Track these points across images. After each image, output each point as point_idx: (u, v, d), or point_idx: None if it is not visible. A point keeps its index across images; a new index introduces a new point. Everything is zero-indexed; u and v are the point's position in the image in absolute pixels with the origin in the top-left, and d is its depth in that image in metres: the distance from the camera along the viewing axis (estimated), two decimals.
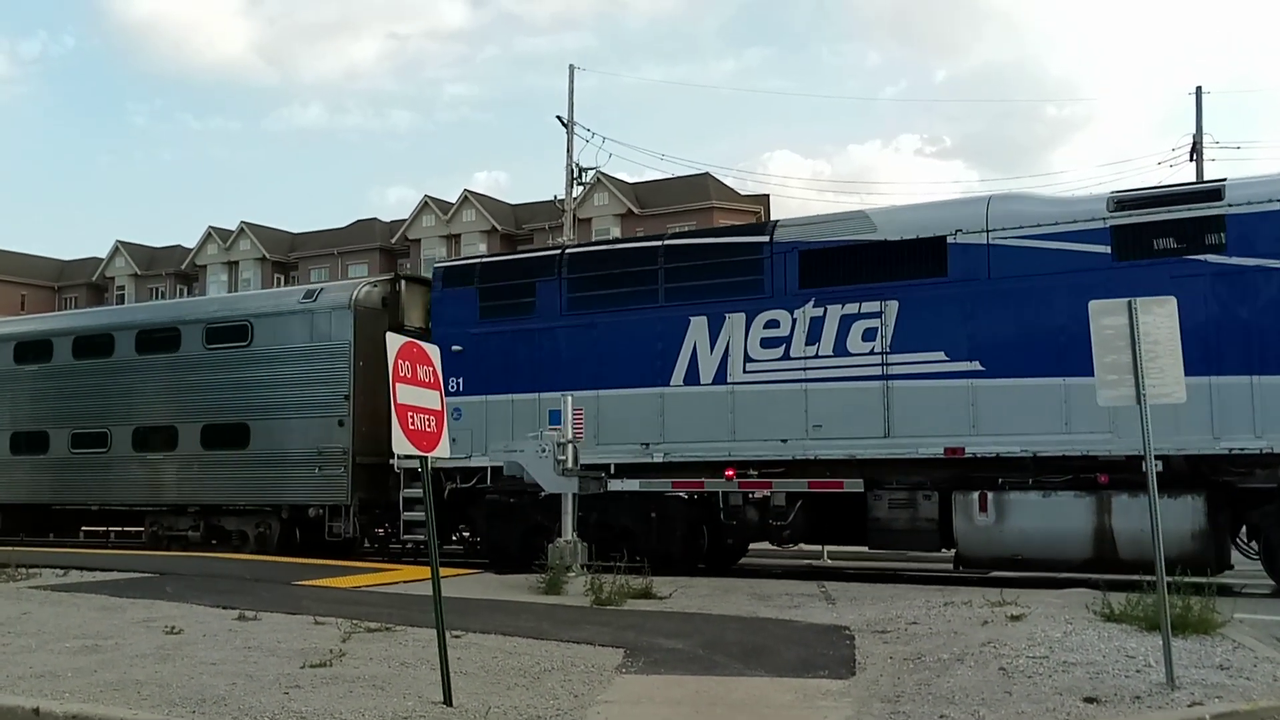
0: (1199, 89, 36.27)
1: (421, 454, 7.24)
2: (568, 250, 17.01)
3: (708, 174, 57.61)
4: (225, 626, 9.87)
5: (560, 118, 33.82)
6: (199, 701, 6.85)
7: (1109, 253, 13.07)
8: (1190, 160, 35.18)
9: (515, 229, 63.15)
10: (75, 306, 63.70)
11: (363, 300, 17.74)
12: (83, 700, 6.93)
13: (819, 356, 14.37)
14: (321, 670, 7.77)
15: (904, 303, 13.95)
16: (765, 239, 15.06)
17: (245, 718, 6.49)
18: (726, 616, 10.50)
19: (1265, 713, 6.40)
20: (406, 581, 13.52)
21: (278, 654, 8.46)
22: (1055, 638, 8.41)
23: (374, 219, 68.71)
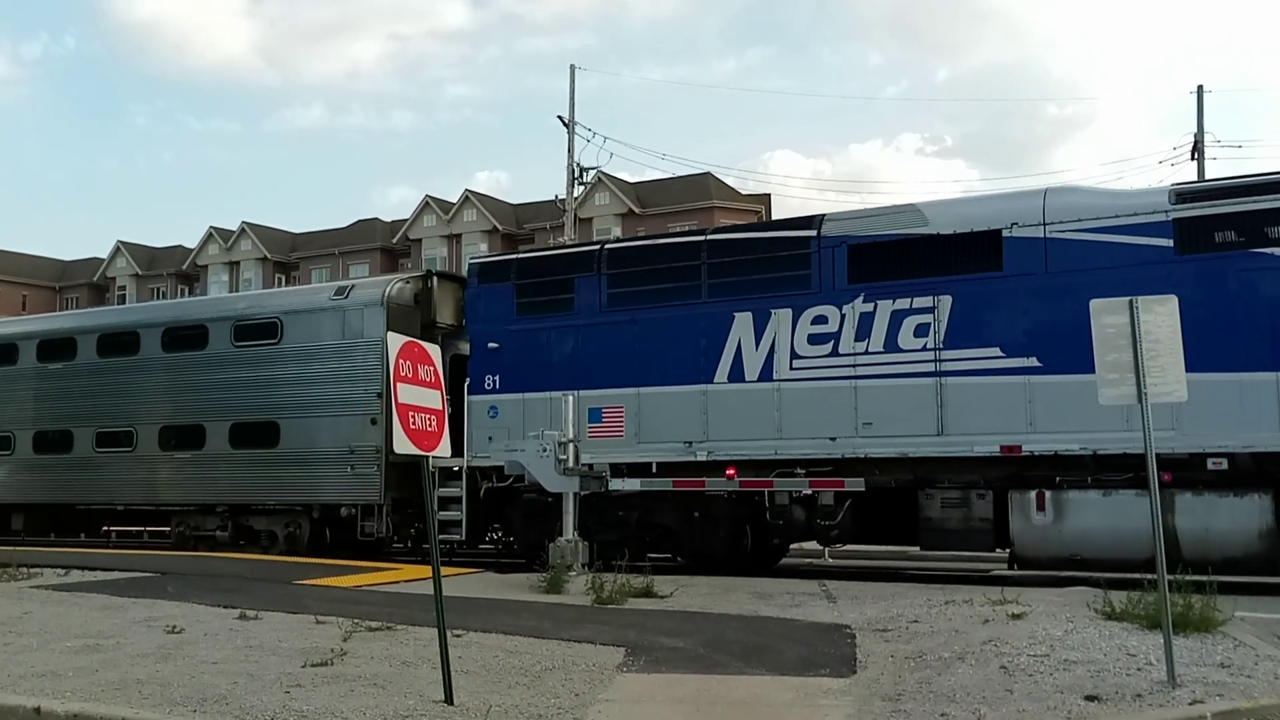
0: (1200, 88, 36.05)
1: (422, 453, 7.25)
2: (607, 246, 16.67)
3: (709, 174, 57.44)
4: (226, 626, 9.84)
5: (561, 118, 33.67)
6: (200, 701, 6.83)
7: (1171, 246, 12.75)
8: (1191, 159, 35.03)
9: (516, 229, 63.01)
10: (76, 307, 63.51)
11: (395, 297, 17.46)
12: (84, 700, 6.92)
13: (869, 353, 14.04)
14: (323, 669, 7.74)
15: (957, 298, 13.61)
16: (812, 233, 14.68)
17: (247, 717, 6.46)
18: (727, 615, 10.45)
19: (1266, 711, 6.37)
20: (407, 581, 13.41)
21: (279, 653, 8.43)
22: (1056, 636, 8.39)
23: (375, 219, 68.46)
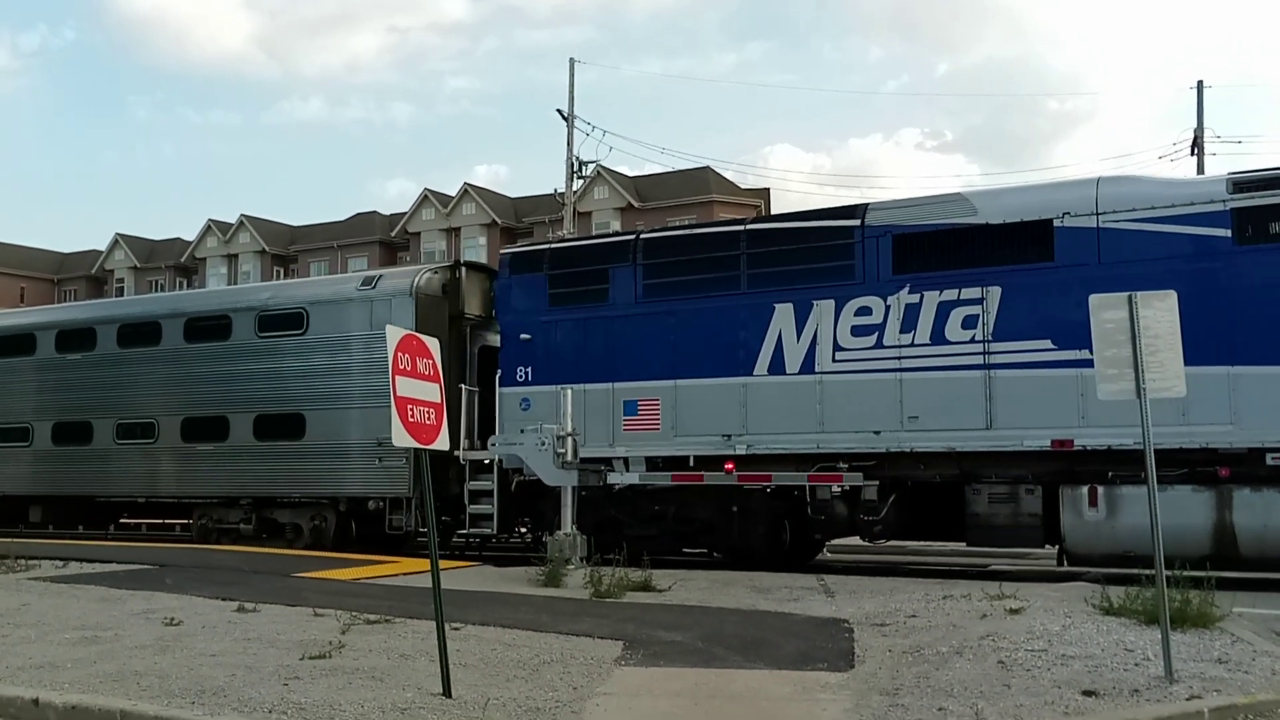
0: (1200, 83, 35.97)
1: (420, 447, 7.25)
2: (643, 236, 16.29)
3: (708, 168, 57.35)
4: (224, 618, 9.75)
5: (561, 111, 33.52)
6: (198, 693, 6.79)
7: (1229, 236, 12.42)
8: (1191, 154, 34.98)
9: (515, 222, 62.90)
10: (74, 299, 63.33)
11: (423, 288, 17.06)
12: (82, 691, 6.88)
13: (915, 345, 13.70)
14: (321, 662, 7.69)
15: (1007, 288, 13.27)
16: (856, 223, 14.31)
17: (245, 709, 6.41)
18: (726, 609, 10.34)
19: (1263, 706, 6.34)
20: (406, 574, 13.23)
21: (277, 645, 8.37)
22: (1054, 631, 8.36)
23: (374, 212, 68.27)
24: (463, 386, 16.66)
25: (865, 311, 14.09)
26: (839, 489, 14.15)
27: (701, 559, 15.87)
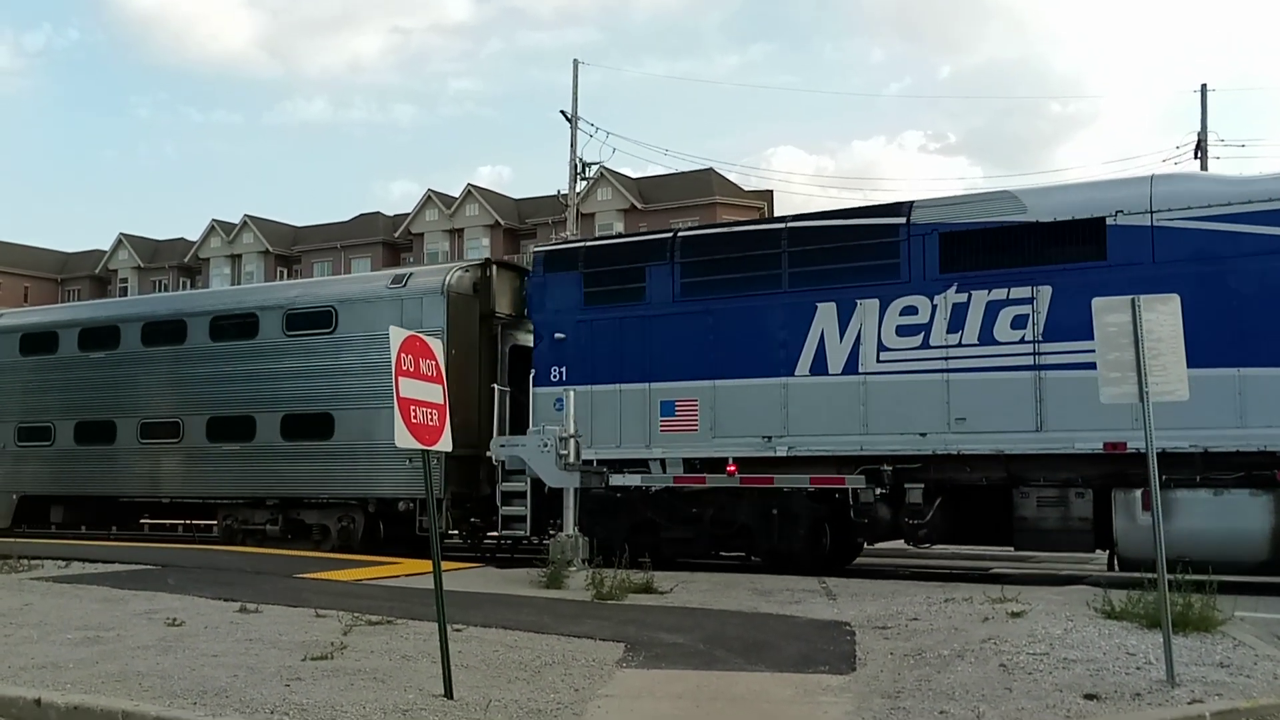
0: (1204, 86, 35.84)
1: (424, 448, 7.26)
2: (680, 234, 16.02)
3: (711, 169, 57.26)
4: (227, 619, 9.74)
5: (564, 112, 33.37)
6: (200, 693, 6.77)
7: None
8: (1195, 158, 34.83)
9: (519, 223, 62.89)
10: (78, 299, 63.41)
11: (455, 286, 16.77)
12: (84, 691, 6.86)
13: (962, 345, 13.42)
14: (323, 663, 7.66)
15: (1058, 288, 12.94)
16: (901, 221, 14.02)
17: (246, 710, 6.39)
18: (727, 611, 10.30)
19: (1265, 710, 6.29)
20: (408, 575, 13.17)
21: (279, 646, 8.35)
22: (1056, 634, 8.31)
23: (377, 213, 68.16)
24: (495, 386, 16.44)
25: (911, 311, 13.82)
26: (886, 491, 13.79)
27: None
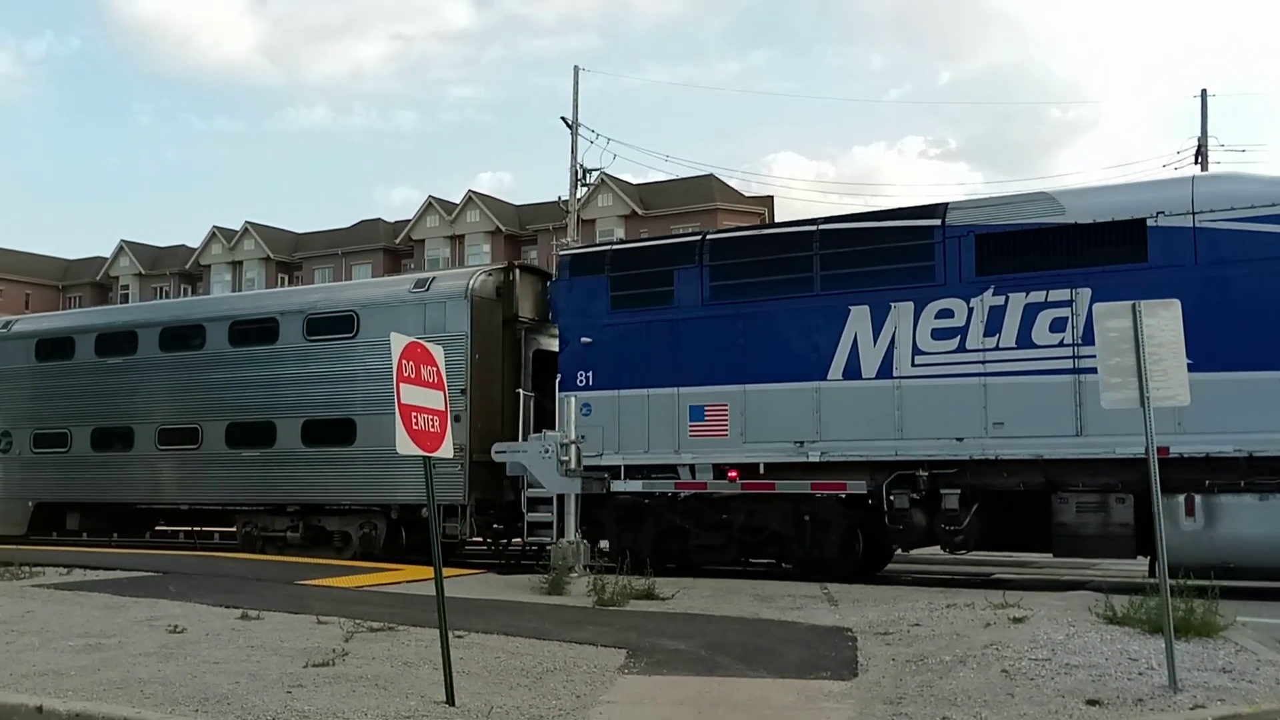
0: (1204, 92, 35.84)
1: (425, 454, 7.26)
2: (709, 236, 15.83)
3: (712, 175, 57.12)
4: (228, 625, 9.73)
5: (565, 119, 33.27)
6: (202, 700, 6.76)
7: None
8: (1195, 163, 34.88)
9: (519, 230, 62.85)
10: (79, 306, 63.48)
11: (478, 290, 16.59)
12: (86, 699, 6.83)
13: (1000, 348, 13.20)
14: (324, 669, 7.65)
15: (1098, 290, 12.54)
16: (936, 222, 13.82)
17: (248, 717, 6.39)
18: (729, 618, 10.31)
19: (1268, 715, 6.25)
20: (409, 581, 13.16)
21: (280, 653, 8.33)
22: (1058, 640, 8.30)
23: (378, 219, 68.07)
24: (519, 391, 16.27)
25: (946, 314, 13.61)
26: (922, 496, 13.58)
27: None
